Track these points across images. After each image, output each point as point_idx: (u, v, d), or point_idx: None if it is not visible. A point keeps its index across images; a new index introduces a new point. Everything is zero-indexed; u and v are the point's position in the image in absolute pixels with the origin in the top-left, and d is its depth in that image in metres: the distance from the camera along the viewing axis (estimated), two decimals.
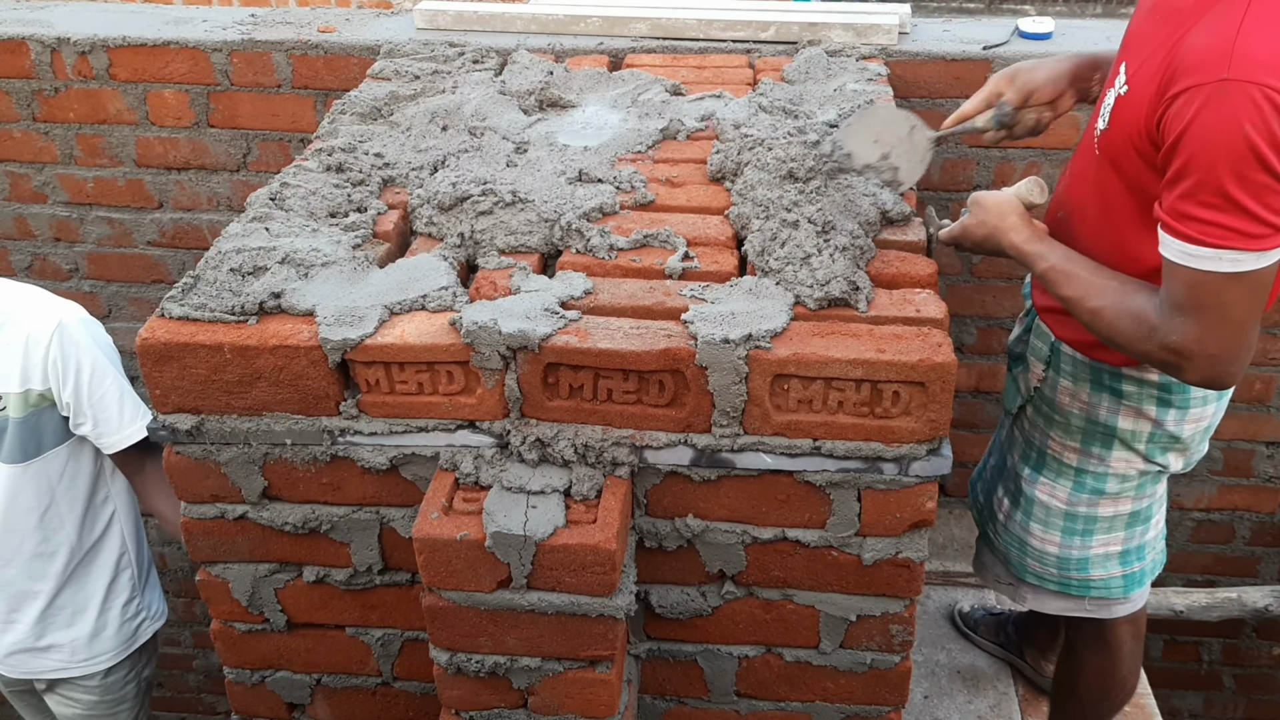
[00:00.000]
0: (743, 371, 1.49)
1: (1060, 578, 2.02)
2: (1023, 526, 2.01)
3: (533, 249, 1.76)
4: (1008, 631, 2.65)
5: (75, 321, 2.18)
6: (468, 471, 1.59)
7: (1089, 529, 1.96)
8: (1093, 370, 1.80)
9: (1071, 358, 1.83)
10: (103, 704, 2.51)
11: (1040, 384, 1.89)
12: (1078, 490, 1.93)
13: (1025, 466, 1.98)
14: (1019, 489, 2.00)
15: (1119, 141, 1.55)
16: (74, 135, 2.96)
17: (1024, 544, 2.03)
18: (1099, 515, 1.95)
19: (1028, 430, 1.97)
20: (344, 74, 2.75)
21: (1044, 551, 2.01)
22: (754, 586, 1.70)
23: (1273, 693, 3.60)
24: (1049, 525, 1.98)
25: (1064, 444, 1.91)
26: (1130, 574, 2.01)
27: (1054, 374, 1.86)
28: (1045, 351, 1.87)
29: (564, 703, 1.65)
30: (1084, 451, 1.89)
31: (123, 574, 2.44)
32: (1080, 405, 1.85)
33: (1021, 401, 1.96)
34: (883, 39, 2.57)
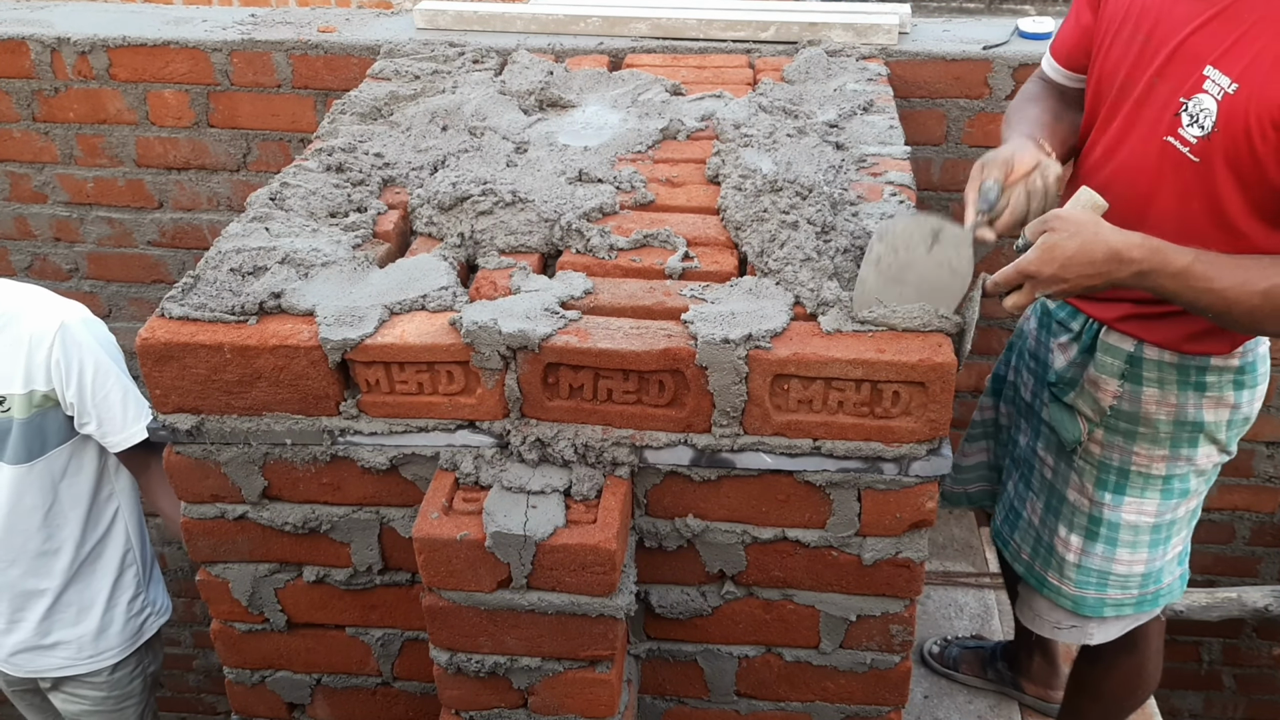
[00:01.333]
0: (743, 371, 1.49)
1: (1140, 596, 1.97)
2: (1106, 557, 1.93)
3: (533, 249, 1.76)
4: (997, 667, 2.58)
5: (78, 321, 2.18)
6: (468, 471, 1.59)
7: (1169, 535, 1.93)
8: (1179, 370, 1.77)
9: (1157, 363, 1.78)
10: (109, 699, 2.52)
11: (1116, 401, 1.83)
12: (1166, 498, 1.89)
13: (1104, 492, 1.90)
14: (1097, 519, 1.91)
15: (1235, 139, 1.54)
16: (74, 135, 2.96)
17: (1106, 575, 1.94)
18: (1178, 518, 1.92)
19: (1099, 455, 1.89)
20: (344, 74, 2.75)
21: (1130, 575, 1.95)
22: (754, 586, 1.70)
23: (1273, 693, 3.60)
24: (1136, 545, 1.92)
25: (1151, 455, 1.85)
26: (1184, 572, 2.01)
27: (1133, 386, 1.81)
28: (1120, 366, 1.81)
29: (564, 703, 1.65)
30: (1173, 456, 1.84)
31: (127, 570, 2.45)
32: (1168, 409, 1.80)
33: (1091, 428, 1.87)
34: (883, 39, 2.57)
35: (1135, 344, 1.79)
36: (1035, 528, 2.03)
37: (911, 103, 2.63)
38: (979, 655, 2.61)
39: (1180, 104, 1.60)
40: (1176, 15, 1.62)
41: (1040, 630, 2.11)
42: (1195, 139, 1.59)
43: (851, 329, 1.52)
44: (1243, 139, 1.54)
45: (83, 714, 2.54)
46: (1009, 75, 2.59)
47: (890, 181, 1.91)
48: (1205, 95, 1.56)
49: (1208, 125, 1.56)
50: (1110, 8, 1.76)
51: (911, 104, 2.63)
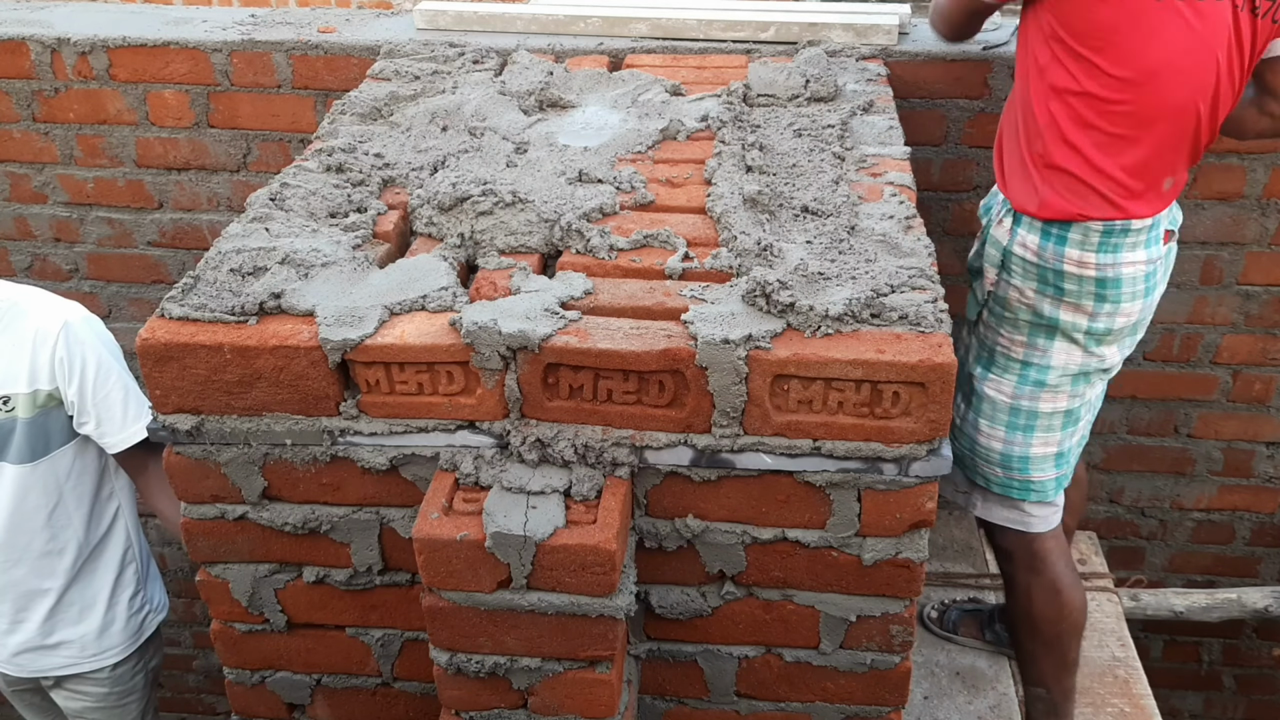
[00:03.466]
0: (743, 372, 1.49)
1: (1004, 478, 2.22)
2: (973, 425, 2.21)
3: (533, 249, 1.76)
4: (995, 629, 2.68)
5: (81, 321, 2.19)
6: (468, 472, 1.59)
7: (1030, 425, 2.16)
8: (1039, 270, 2.04)
9: (1021, 259, 2.06)
10: (112, 695, 2.52)
11: (993, 288, 2.12)
12: (1021, 383, 2.14)
13: (977, 366, 2.20)
14: (971, 388, 2.21)
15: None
16: (74, 135, 2.96)
17: (974, 442, 2.23)
18: (1039, 410, 2.15)
19: (983, 334, 2.18)
20: (344, 74, 2.75)
21: (990, 448, 2.21)
22: (754, 587, 1.70)
23: (1273, 693, 3.60)
24: (994, 420, 2.18)
25: (1012, 339, 2.13)
26: (1060, 476, 2.23)
27: (1005, 276, 2.09)
28: (998, 257, 2.10)
29: (564, 703, 1.65)
30: (1029, 344, 2.11)
31: (128, 568, 2.45)
32: (1027, 302, 2.08)
33: (978, 309, 2.17)
34: (883, 39, 2.57)
35: (1007, 240, 2.07)
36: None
37: (911, 103, 2.63)
38: (977, 618, 2.73)
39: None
40: None
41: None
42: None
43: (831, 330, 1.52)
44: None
45: (85, 710, 2.54)
46: (1009, 76, 2.59)
47: (890, 181, 1.91)
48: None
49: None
50: None
51: (911, 104, 2.63)
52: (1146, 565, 3.38)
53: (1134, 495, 3.22)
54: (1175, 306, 2.86)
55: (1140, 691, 2.63)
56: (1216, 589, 3.14)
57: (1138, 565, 3.37)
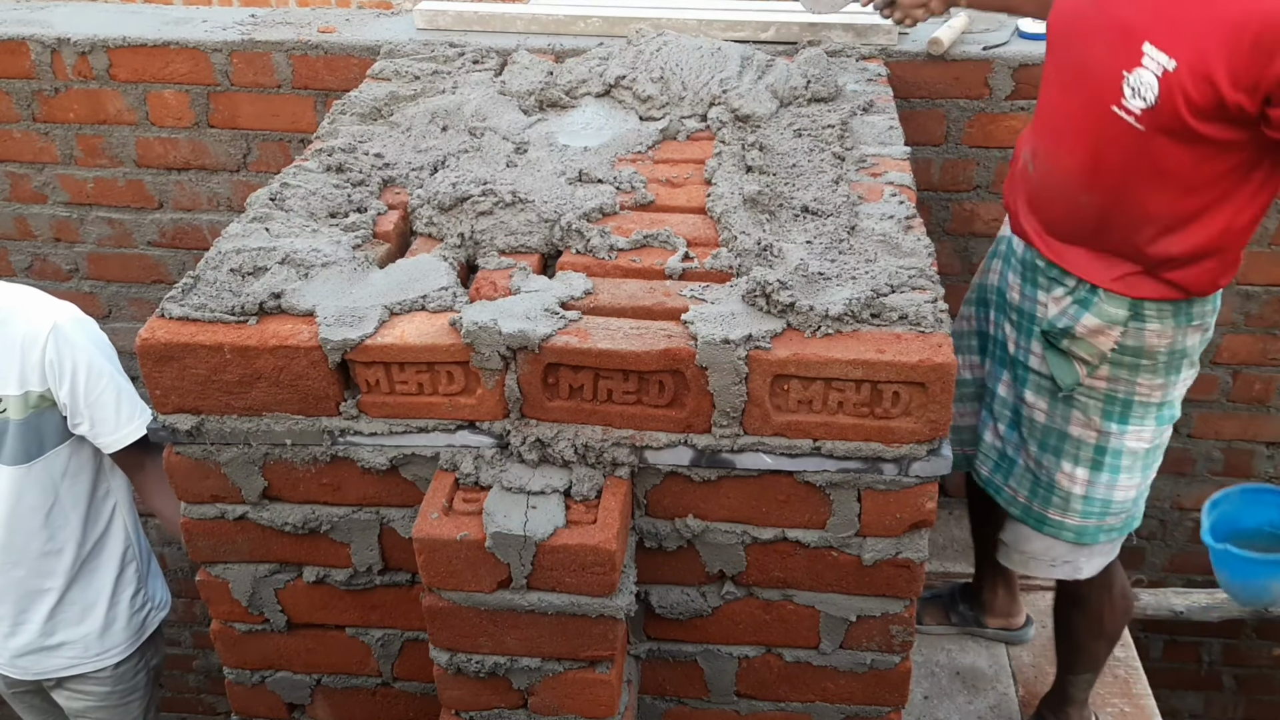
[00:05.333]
0: (743, 372, 1.49)
1: (1124, 521, 2.11)
2: (1109, 485, 2.06)
3: (533, 249, 1.76)
4: (960, 610, 2.72)
5: (71, 322, 2.18)
6: (468, 472, 1.59)
7: (1156, 459, 2.09)
8: (1174, 305, 1.92)
9: (1156, 304, 1.92)
10: (114, 694, 2.52)
11: (1120, 342, 1.96)
12: (1160, 423, 2.04)
13: (1111, 422, 2.02)
14: (1103, 449, 2.04)
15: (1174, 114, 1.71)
16: (74, 135, 2.96)
17: (1108, 504, 2.08)
18: (1163, 443, 2.08)
19: (1104, 389, 2.01)
20: (344, 74, 2.75)
21: (1125, 500, 2.09)
22: (754, 587, 1.70)
23: (1273, 693, 3.60)
24: (1133, 471, 2.06)
25: (1152, 384, 1.99)
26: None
27: (1137, 324, 1.94)
28: (1125, 314, 1.93)
29: (564, 703, 1.65)
30: (1166, 384, 2.00)
31: (128, 566, 2.45)
32: (1167, 341, 1.95)
33: (1090, 369, 1.99)
34: (883, 39, 2.57)
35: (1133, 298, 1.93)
36: (1032, 470, 2.13)
37: (911, 103, 2.63)
38: (939, 603, 2.76)
39: (1122, 76, 1.76)
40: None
41: (1034, 571, 2.22)
42: (1140, 110, 1.75)
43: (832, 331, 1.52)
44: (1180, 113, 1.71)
45: (88, 710, 2.54)
46: (1009, 75, 2.59)
47: (890, 182, 1.91)
48: (1145, 71, 1.73)
49: (1150, 98, 1.73)
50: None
51: (911, 104, 2.63)
52: (1146, 565, 3.38)
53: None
54: None
55: (1140, 691, 2.63)
56: (1216, 589, 3.13)
57: (1138, 565, 3.37)
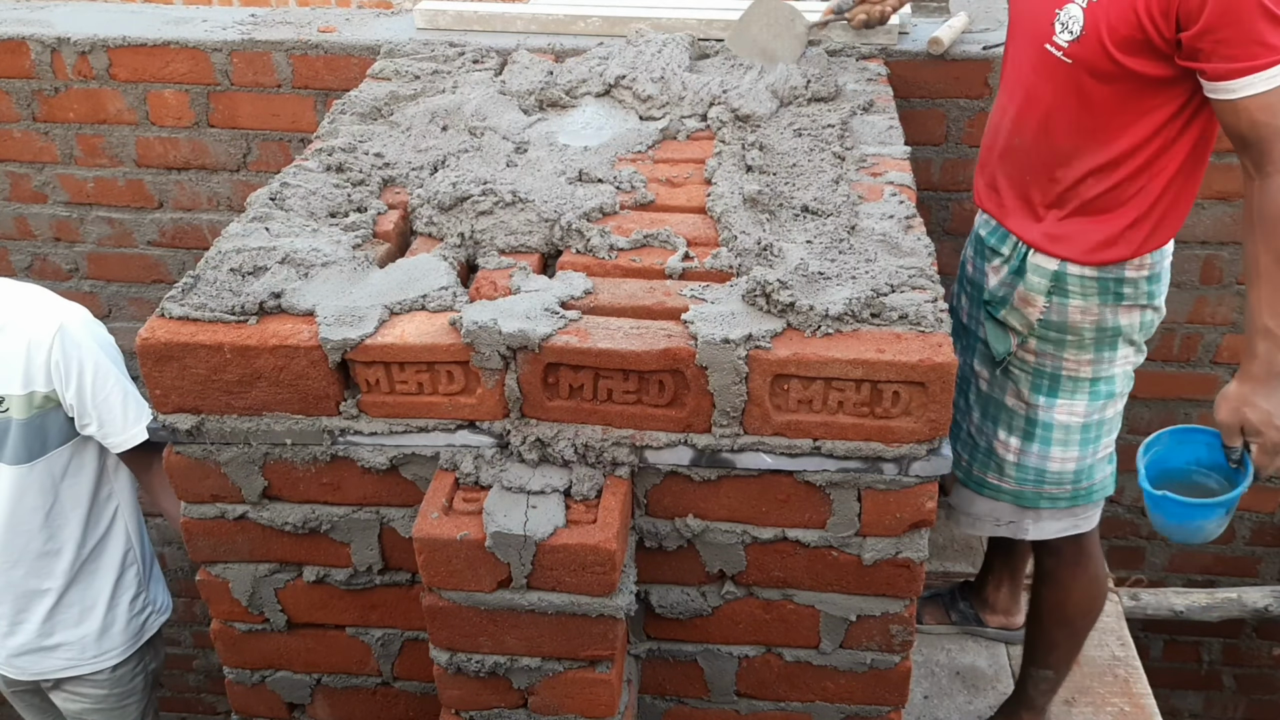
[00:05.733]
0: (743, 371, 1.49)
1: (1074, 491, 2.15)
2: (1041, 455, 2.11)
3: (533, 249, 1.76)
4: (960, 609, 2.73)
5: (77, 323, 2.18)
6: (468, 471, 1.59)
7: (1099, 434, 2.11)
8: (1099, 283, 1.96)
9: (1079, 278, 1.96)
10: (111, 697, 2.52)
11: (1044, 314, 2.01)
12: (1094, 399, 2.07)
13: (1039, 395, 2.07)
14: (1033, 420, 2.09)
15: (1096, 44, 1.78)
16: (74, 135, 2.96)
17: (1042, 473, 2.12)
18: (1106, 418, 2.11)
19: (1033, 363, 2.06)
20: (344, 74, 2.75)
21: (1063, 472, 2.12)
22: (754, 586, 1.70)
23: (1273, 693, 3.60)
24: (1068, 444, 2.09)
25: (1078, 359, 2.03)
26: (1113, 470, 2.20)
27: (1060, 299, 1.99)
28: (1046, 284, 1.99)
29: (564, 703, 1.65)
30: (1096, 359, 2.03)
31: (129, 570, 2.45)
32: (1091, 318, 1.99)
33: (1020, 339, 2.05)
34: (883, 39, 2.57)
35: (1059, 263, 1.97)
36: (973, 436, 2.21)
37: (911, 103, 2.63)
38: (939, 601, 2.76)
39: (1054, 14, 1.84)
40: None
41: (979, 530, 2.30)
42: (1067, 43, 1.82)
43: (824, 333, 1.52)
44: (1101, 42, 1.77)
45: (84, 712, 2.54)
46: None
47: (890, 181, 1.91)
48: (1072, 4, 1.81)
49: (1075, 30, 1.80)
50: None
51: (911, 104, 2.63)
52: (1146, 565, 3.38)
53: (1134, 495, 3.21)
54: (1175, 306, 2.85)
55: (1140, 691, 2.63)
56: (1216, 589, 3.13)
57: (1138, 565, 3.37)
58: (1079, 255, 1.95)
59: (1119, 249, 1.93)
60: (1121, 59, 1.76)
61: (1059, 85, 1.86)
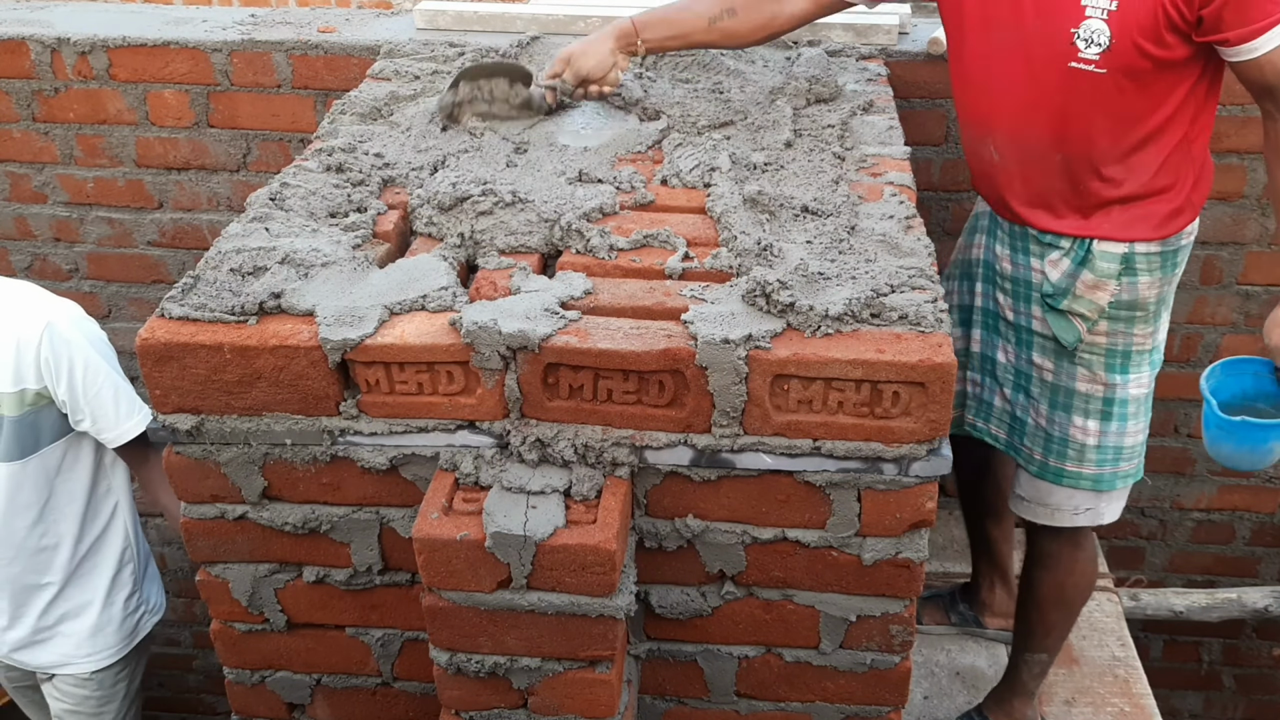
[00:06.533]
0: (743, 372, 1.49)
1: (1138, 465, 2.20)
2: (1119, 433, 2.14)
3: (533, 249, 1.76)
4: (959, 610, 2.74)
5: (66, 320, 2.18)
6: (468, 472, 1.59)
7: (1151, 403, 2.17)
8: (1163, 256, 2.03)
9: (1146, 255, 2.01)
10: (91, 700, 2.51)
11: (1115, 296, 2.04)
12: (1153, 368, 2.14)
13: (1114, 374, 2.10)
14: (1111, 400, 2.12)
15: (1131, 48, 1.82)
16: (74, 135, 2.96)
17: (1120, 450, 2.16)
18: (1153, 386, 2.16)
19: (1105, 344, 2.09)
20: (344, 74, 2.75)
21: (1136, 445, 2.17)
22: (754, 587, 1.70)
23: (1273, 693, 3.60)
24: (1139, 416, 2.16)
25: (1145, 333, 2.09)
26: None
27: (1130, 278, 2.03)
28: (1117, 267, 2.02)
29: (564, 703, 1.65)
30: (1155, 330, 2.11)
31: (125, 568, 2.45)
32: (1156, 290, 2.05)
33: (1090, 324, 2.06)
34: (883, 39, 2.57)
35: (1128, 245, 2.00)
36: (1045, 429, 2.19)
37: (911, 103, 2.63)
38: (939, 602, 2.77)
39: (1071, 34, 1.85)
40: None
41: (1059, 521, 2.26)
42: (1097, 55, 1.84)
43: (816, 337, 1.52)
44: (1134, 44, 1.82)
45: (63, 713, 2.54)
46: None
47: (890, 182, 1.91)
48: (1091, 20, 1.83)
49: (1104, 41, 1.83)
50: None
51: (911, 104, 2.63)
52: (1146, 565, 3.38)
53: (1134, 495, 3.20)
54: (1175, 306, 2.84)
55: (1140, 691, 2.63)
56: (1216, 589, 3.13)
57: (1138, 565, 3.37)
58: (1149, 233, 2.00)
59: (1182, 217, 2.00)
60: (1156, 52, 1.82)
61: (1094, 96, 1.88)
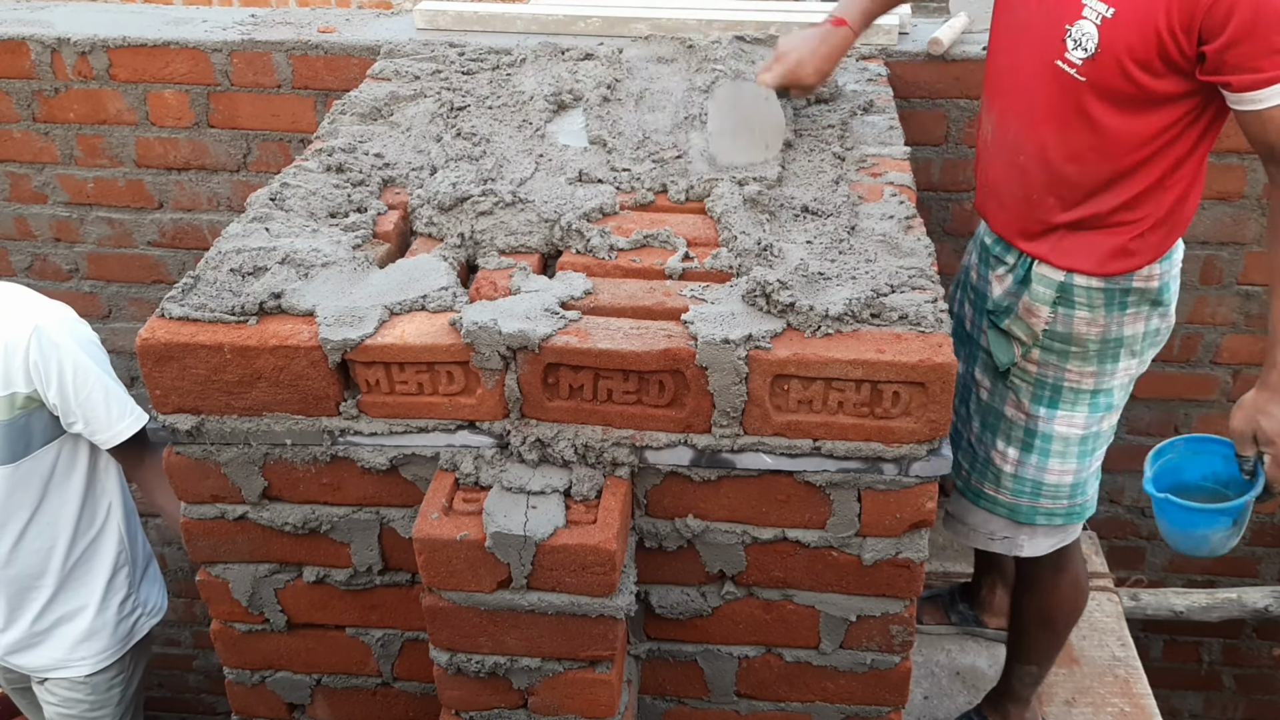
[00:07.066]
0: (743, 372, 1.49)
1: (1069, 507, 2.12)
2: (1039, 467, 2.08)
3: (533, 249, 1.76)
4: (959, 609, 2.73)
5: (54, 323, 2.17)
6: (468, 472, 1.59)
7: (1095, 446, 2.09)
8: (1105, 294, 1.93)
9: (1086, 289, 1.93)
10: (84, 703, 2.50)
11: (1049, 324, 1.98)
12: (1093, 411, 2.04)
13: (1040, 406, 2.04)
14: (1033, 431, 2.06)
15: (1113, 63, 1.74)
16: (74, 135, 2.96)
17: (1039, 485, 2.09)
18: (1102, 431, 2.08)
19: (1034, 373, 2.03)
20: (344, 74, 2.75)
21: (1060, 485, 2.09)
22: (754, 587, 1.70)
23: (1273, 693, 3.60)
24: (1066, 456, 2.07)
25: (1082, 371, 2.00)
26: (1100, 483, 2.17)
27: (1065, 309, 1.96)
28: (1052, 294, 1.95)
29: (564, 703, 1.65)
30: (1100, 372, 2.00)
31: (120, 571, 2.45)
32: (1097, 329, 1.96)
33: (1024, 350, 2.02)
34: (883, 39, 2.57)
35: (1065, 274, 1.94)
36: (973, 445, 2.18)
37: (911, 103, 2.63)
38: (939, 602, 2.76)
39: (1065, 30, 1.79)
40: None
41: (973, 542, 2.25)
42: (1080, 60, 1.78)
43: None
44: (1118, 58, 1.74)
45: (56, 716, 2.54)
46: None
47: (890, 182, 1.91)
48: (1085, 21, 1.77)
49: (1090, 47, 1.77)
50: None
51: (911, 104, 2.63)
52: (1146, 565, 3.38)
53: (1134, 495, 3.21)
54: (1176, 307, 2.86)
55: (1140, 691, 2.63)
56: (1216, 589, 3.13)
57: (1138, 565, 3.37)
58: (1089, 267, 1.91)
59: (1130, 259, 1.90)
60: (1141, 78, 1.73)
61: (1068, 104, 1.82)
